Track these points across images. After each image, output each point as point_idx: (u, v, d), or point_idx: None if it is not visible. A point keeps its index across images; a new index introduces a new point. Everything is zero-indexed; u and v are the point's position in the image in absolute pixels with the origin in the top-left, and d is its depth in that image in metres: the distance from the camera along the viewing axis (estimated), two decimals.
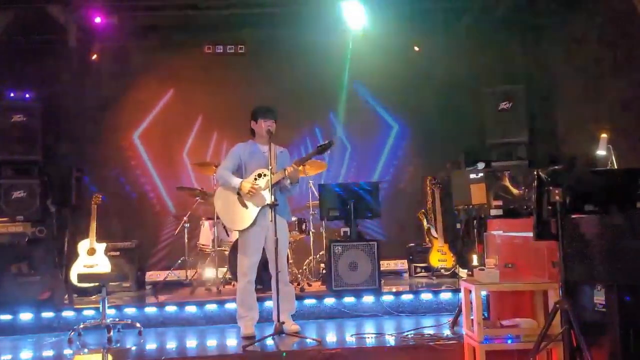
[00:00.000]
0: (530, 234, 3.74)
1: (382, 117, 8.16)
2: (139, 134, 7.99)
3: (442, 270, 7.12)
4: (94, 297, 6.37)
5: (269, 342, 4.74)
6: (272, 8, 7.34)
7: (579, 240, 3.60)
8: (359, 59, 7.74)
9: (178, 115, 8.00)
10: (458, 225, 7.29)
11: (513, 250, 4.57)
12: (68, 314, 5.79)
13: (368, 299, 5.88)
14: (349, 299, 5.87)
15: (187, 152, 7.97)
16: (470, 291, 4.17)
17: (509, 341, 4.01)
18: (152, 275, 7.57)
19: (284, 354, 4.46)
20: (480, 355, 3.94)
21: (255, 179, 4.96)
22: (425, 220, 7.49)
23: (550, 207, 3.54)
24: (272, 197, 4.77)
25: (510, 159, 7.09)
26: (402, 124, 8.16)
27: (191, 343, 5.17)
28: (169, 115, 8.01)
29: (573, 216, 3.61)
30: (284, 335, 4.74)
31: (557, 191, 3.51)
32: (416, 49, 7.77)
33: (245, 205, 4.93)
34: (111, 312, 5.48)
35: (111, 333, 4.99)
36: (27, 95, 7.04)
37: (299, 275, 6.70)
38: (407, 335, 4.89)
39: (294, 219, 6.52)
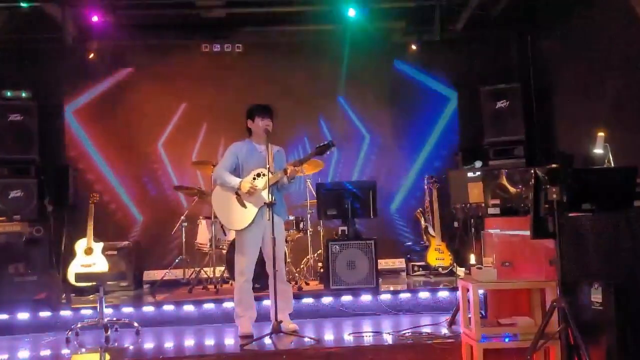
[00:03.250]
0: (528, 233, 3.74)
1: (379, 113, 8.17)
2: (136, 131, 7.96)
3: (440, 269, 7.13)
4: (91, 296, 6.36)
5: (267, 341, 4.74)
6: (269, 7, 7.34)
7: (576, 239, 3.60)
8: (356, 52, 7.74)
9: (173, 113, 7.99)
10: (456, 224, 7.30)
11: (510, 249, 4.58)
12: (65, 313, 5.78)
13: (366, 297, 5.88)
14: (346, 298, 5.87)
15: (181, 150, 7.96)
16: (467, 290, 4.17)
17: (507, 339, 4.02)
18: (149, 275, 7.56)
19: (284, 357, 4.43)
20: (477, 354, 3.94)
21: (254, 179, 4.95)
22: (422, 218, 7.49)
23: (547, 206, 3.55)
24: (270, 196, 4.76)
25: (507, 158, 7.11)
26: (399, 122, 8.16)
27: (189, 342, 5.17)
28: (165, 114, 7.99)
29: (570, 215, 3.61)
30: (281, 334, 4.74)
31: (554, 189, 3.51)
32: (413, 47, 7.77)
33: (243, 205, 4.92)
34: (109, 311, 5.48)
35: (109, 332, 4.98)
36: (24, 95, 7.02)
37: (297, 274, 6.70)
38: (404, 333, 4.89)
39: (291, 217, 6.52)
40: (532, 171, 3.67)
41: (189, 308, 5.84)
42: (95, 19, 6.98)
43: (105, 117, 7.90)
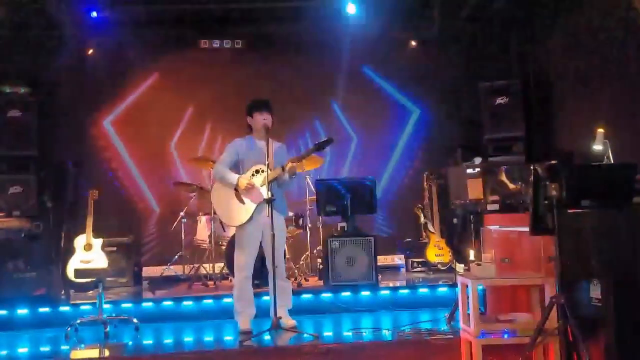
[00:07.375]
0: (527, 229, 3.74)
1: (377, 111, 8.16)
2: (133, 129, 7.95)
3: (439, 265, 7.14)
4: (90, 292, 6.35)
5: (266, 337, 4.74)
6: (268, 3, 7.33)
7: (575, 235, 3.60)
8: (356, 48, 7.73)
9: (172, 110, 7.98)
10: (455, 220, 7.30)
11: (509, 245, 4.58)
12: (65, 309, 5.77)
13: (365, 294, 5.88)
14: (346, 294, 5.87)
15: (175, 146, 7.96)
16: (466, 286, 4.17)
17: (506, 336, 4.02)
18: (148, 271, 7.56)
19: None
20: (476, 350, 3.94)
21: (253, 175, 4.94)
22: (422, 215, 7.49)
23: (546, 202, 3.54)
24: (269, 193, 4.75)
25: (506, 154, 7.11)
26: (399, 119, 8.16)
27: (188, 338, 5.17)
28: (164, 111, 7.98)
29: (569, 211, 3.61)
30: (280, 330, 4.74)
31: (553, 186, 3.51)
32: (413, 44, 7.76)
33: (242, 201, 4.92)
34: (108, 307, 5.48)
35: (108, 328, 4.98)
36: (23, 90, 7.00)
37: (296, 271, 6.71)
38: (404, 330, 4.89)
39: (290, 214, 6.51)
40: (532, 168, 3.67)
41: (188, 304, 5.84)
42: (94, 14, 6.97)
43: (103, 113, 7.89)
